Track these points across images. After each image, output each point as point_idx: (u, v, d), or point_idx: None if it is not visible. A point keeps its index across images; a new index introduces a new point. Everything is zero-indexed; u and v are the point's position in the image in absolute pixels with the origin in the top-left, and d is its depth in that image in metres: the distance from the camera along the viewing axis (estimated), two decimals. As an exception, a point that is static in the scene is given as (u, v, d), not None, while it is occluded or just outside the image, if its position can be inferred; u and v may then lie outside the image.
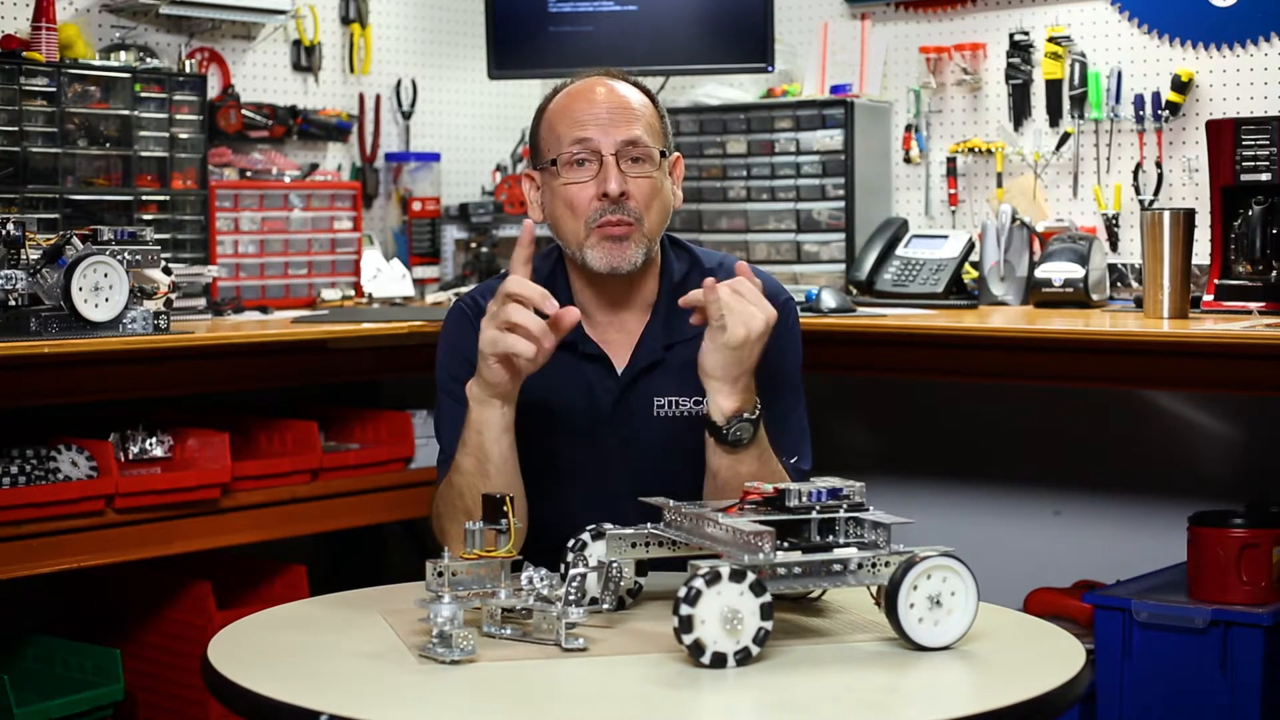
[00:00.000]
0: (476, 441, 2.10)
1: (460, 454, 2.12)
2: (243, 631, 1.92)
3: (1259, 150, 3.15)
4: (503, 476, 2.10)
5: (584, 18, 3.93)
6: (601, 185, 2.18)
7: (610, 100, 2.23)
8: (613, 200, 2.18)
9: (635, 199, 2.20)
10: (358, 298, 3.79)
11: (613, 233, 2.19)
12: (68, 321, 2.77)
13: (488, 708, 1.63)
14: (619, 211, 2.18)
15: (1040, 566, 3.62)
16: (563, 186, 2.21)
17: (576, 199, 2.20)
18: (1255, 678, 2.96)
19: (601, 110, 2.21)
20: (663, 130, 2.27)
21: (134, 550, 3.00)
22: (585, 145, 2.20)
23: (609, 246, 2.19)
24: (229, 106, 3.77)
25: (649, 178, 2.21)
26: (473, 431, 2.10)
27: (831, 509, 1.78)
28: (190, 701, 3.13)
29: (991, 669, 1.74)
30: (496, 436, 2.09)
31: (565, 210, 2.22)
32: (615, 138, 2.20)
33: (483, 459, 2.09)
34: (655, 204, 2.22)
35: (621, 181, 2.18)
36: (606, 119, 2.21)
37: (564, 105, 2.25)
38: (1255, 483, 3.42)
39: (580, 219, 2.20)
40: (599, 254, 2.20)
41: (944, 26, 3.89)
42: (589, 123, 2.21)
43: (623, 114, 2.22)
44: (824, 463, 2.29)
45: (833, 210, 3.78)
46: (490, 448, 2.09)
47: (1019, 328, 3.16)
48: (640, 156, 2.21)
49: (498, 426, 2.09)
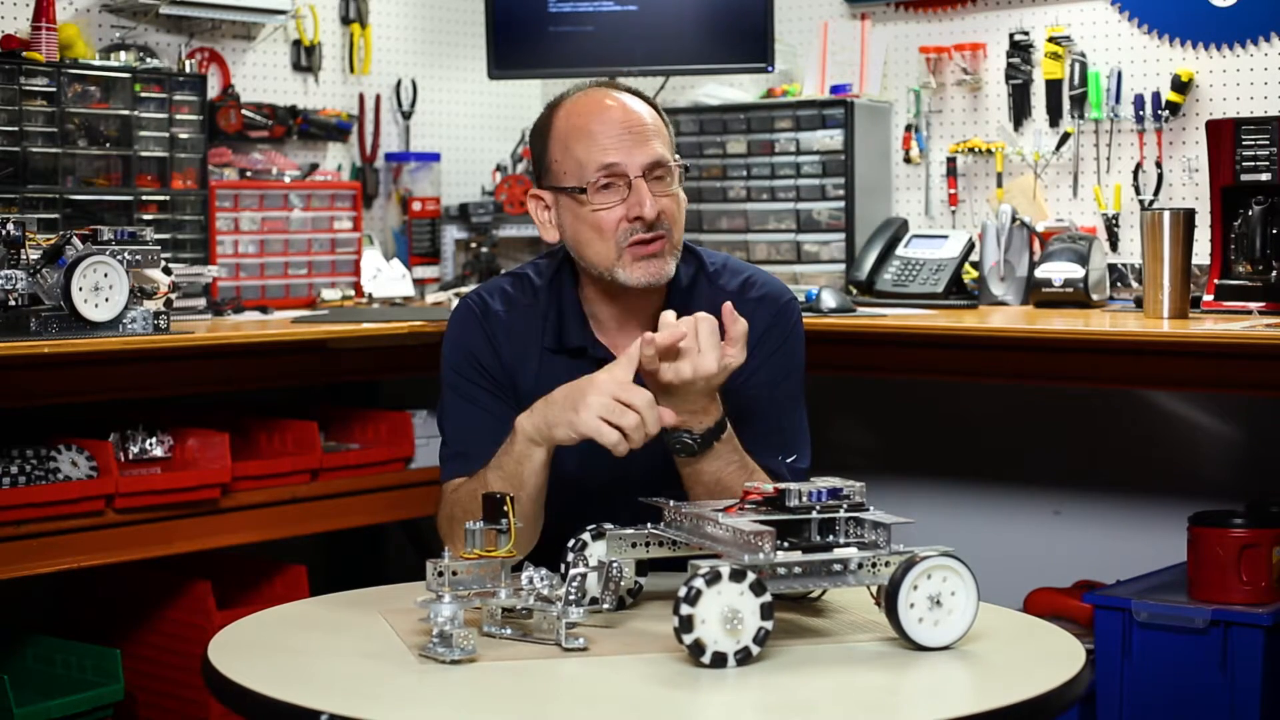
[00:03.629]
0: (514, 470, 2.10)
1: (492, 473, 2.12)
2: (243, 631, 1.92)
3: (1259, 150, 3.15)
4: (534, 506, 2.11)
5: (584, 18, 3.93)
6: (634, 209, 2.18)
7: (626, 119, 2.21)
8: (647, 223, 2.18)
9: (665, 214, 2.20)
10: (358, 298, 3.79)
11: (647, 251, 2.19)
12: (68, 321, 2.77)
13: (488, 708, 1.63)
14: (653, 229, 2.19)
15: (1040, 566, 3.62)
16: (592, 213, 2.21)
17: (605, 222, 2.20)
18: (1255, 678, 2.96)
19: (622, 131, 2.20)
20: (671, 139, 2.27)
21: (134, 550, 3.00)
22: (612, 170, 2.19)
23: (645, 264, 2.19)
24: (229, 106, 3.77)
25: (674, 194, 2.22)
26: (512, 460, 2.10)
27: (831, 509, 1.78)
28: (190, 701, 3.13)
29: (991, 669, 1.74)
30: (536, 470, 2.09)
31: (593, 234, 2.21)
32: (639, 160, 2.19)
33: (516, 487, 2.08)
34: (680, 217, 2.24)
35: (655, 204, 2.18)
36: (630, 140, 2.20)
37: (579, 125, 2.23)
38: (1255, 483, 3.42)
39: (609, 241, 2.20)
40: (635, 271, 2.20)
41: (944, 26, 3.89)
42: (611, 147, 2.19)
43: (641, 132, 2.21)
44: (824, 463, 2.28)
45: (833, 210, 3.78)
46: (528, 479, 2.09)
47: (1019, 328, 3.16)
48: (664, 174, 2.21)
49: (539, 463, 2.09)
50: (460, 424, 2.26)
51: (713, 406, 2.09)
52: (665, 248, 2.20)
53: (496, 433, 2.15)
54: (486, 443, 2.16)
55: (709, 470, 2.10)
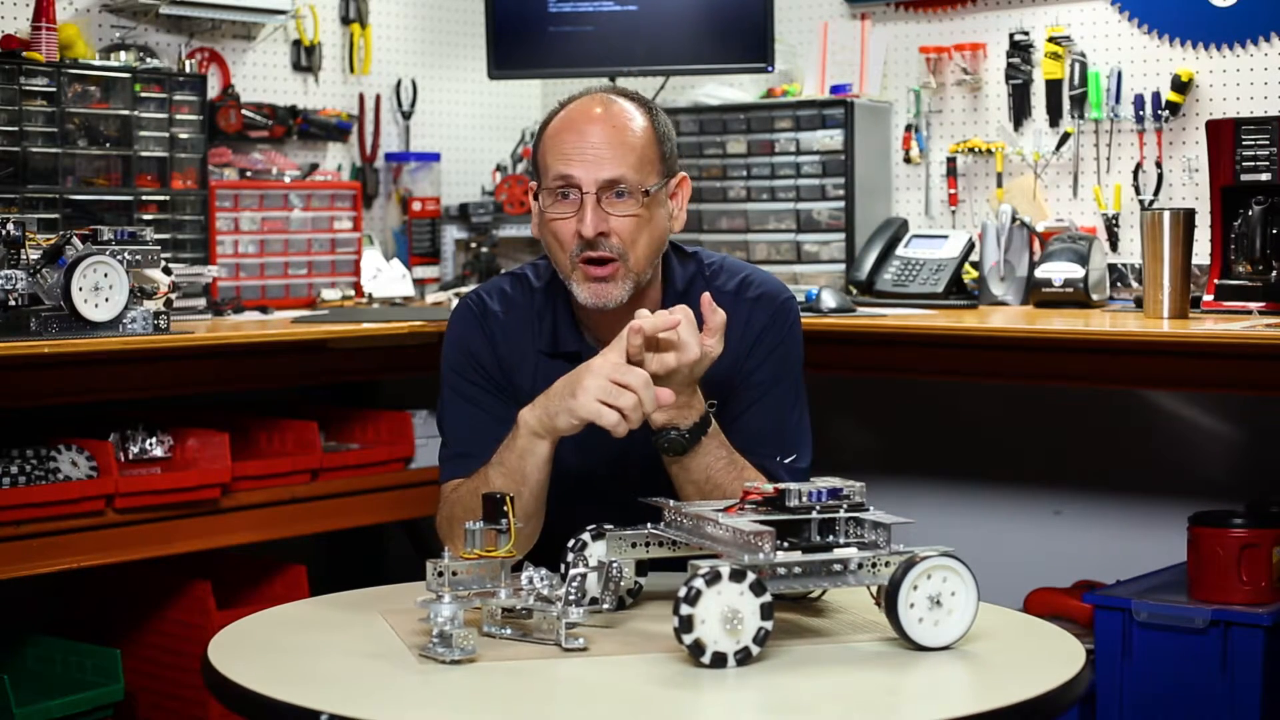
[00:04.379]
0: (517, 465, 2.09)
1: (494, 472, 2.12)
2: (243, 631, 1.92)
3: (1259, 150, 3.15)
4: (535, 501, 2.11)
5: (584, 18, 3.93)
6: (579, 224, 2.17)
7: (601, 134, 2.18)
8: (587, 241, 2.17)
9: (617, 235, 2.17)
10: (358, 298, 3.79)
11: (595, 273, 2.17)
12: (68, 321, 2.77)
13: (488, 708, 1.63)
14: (599, 248, 2.17)
15: (1040, 566, 3.62)
16: (549, 220, 2.21)
17: (560, 232, 2.19)
18: (1255, 678, 2.96)
19: (588, 145, 2.17)
20: (659, 155, 2.22)
21: (134, 550, 3.00)
22: (567, 181, 2.18)
23: (592, 286, 2.18)
24: (229, 106, 3.77)
25: (633, 215, 2.18)
26: (515, 455, 2.10)
27: (831, 509, 1.78)
28: (190, 701, 3.13)
29: (991, 669, 1.74)
30: (539, 465, 2.09)
31: (553, 240, 2.22)
32: (593, 176, 2.16)
33: (519, 482, 2.08)
34: (641, 239, 2.19)
35: (598, 222, 2.16)
36: (591, 156, 2.17)
37: (557, 131, 2.21)
38: (1255, 483, 3.42)
39: (565, 251, 2.19)
40: (583, 290, 2.19)
41: (944, 26, 3.89)
42: (574, 158, 2.17)
43: (610, 150, 2.17)
44: (824, 463, 2.28)
45: (833, 210, 3.78)
46: (530, 474, 2.09)
47: (1019, 328, 3.16)
48: (625, 195, 2.18)
49: (543, 457, 2.09)
50: (460, 424, 2.26)
51: (696, 400, 2.09)
52: (617, 272, 2.17)
53: (496, 433, 2.15)
54: (487, 443, 2.16)
55: (698, 467, 2.10)
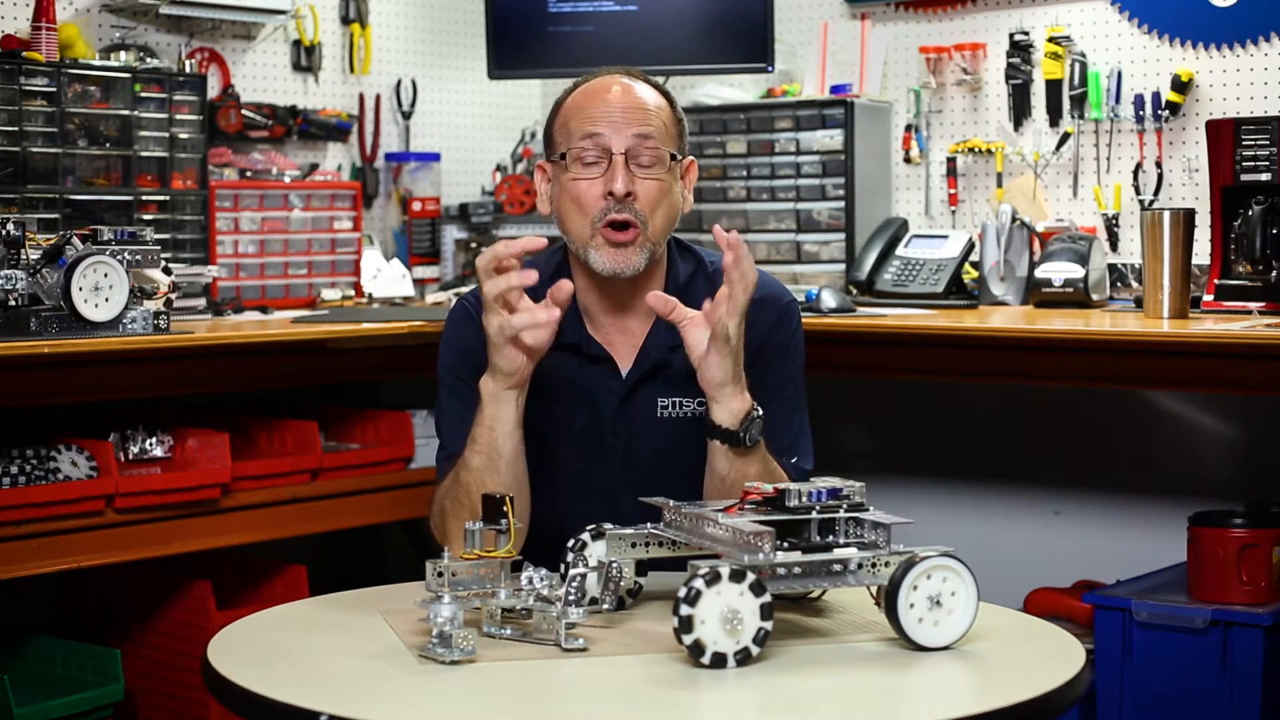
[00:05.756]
0: (488, 439, 2.10)
1: (469, 451, 2.13)
2: (243, 631, 1.92)
3: (1259, 150, 3.15)
4: (513, 473, 2.11)
5: (584, 18, 3.93)
6: (608, 184, 2.18)
7: (625, 100, 2.23)
8: (618, 199, 2.18)
9: (641, 200, 2.19)
10: (358, 298, 3.79)
11: (617, 238, 2.19)
12: (68, 321, 2.77)
13: (488, 708, 1.63)
14: (624, 210, 2.18)
15: (1040, 566, 3.62)
16: (571, 182, 2.21)
17: (584, 195, 2.20)
18: (1255, 678, 2.96)
19: (615, 109, 2.21)
20: (677, 133, 2.27)
21: (134, 550, 3.00)
22: (595, 141, 2.20)
23: (613, 252, 2.19)
24: (229, 106, 3.77)
25: (658, 180, 2.21)
26: (484, 428, 2.11)
27: (831, 509, 1.78)
28: (190, 701, 3.13)
29: (991, 669, 1.74)
30: (509, 432, 2.10)
31: (572, 206, 2.22)
32: (624, 135, 2.20)
33: (494, 456, 2.10)
34: (662, 207, 2.22)
35: (628, 181, 2.18)
36: (620, 118, 2.20)
37: (579, 101, 2.25)
38: (1255, 483, 3.42)
39: (586, 216, 2.20)
40: (602, 256, 2.20)
41: (944, 26, 3.89)
42: (601, 119, 2.20)
43: (636, 114, 2.21)
44: (824, 463, 2.29)
45: (833, 210, 3.78)
46: (502, 444, 2.10)
47: (1019, 328, 3.16)
48: (650, 158, 2.21)
49: (510, 421, 2.10)
50: (457, 425, 2.25)
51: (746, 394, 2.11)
52: (638, 239, 2.19)
53: None
54: None
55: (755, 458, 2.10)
